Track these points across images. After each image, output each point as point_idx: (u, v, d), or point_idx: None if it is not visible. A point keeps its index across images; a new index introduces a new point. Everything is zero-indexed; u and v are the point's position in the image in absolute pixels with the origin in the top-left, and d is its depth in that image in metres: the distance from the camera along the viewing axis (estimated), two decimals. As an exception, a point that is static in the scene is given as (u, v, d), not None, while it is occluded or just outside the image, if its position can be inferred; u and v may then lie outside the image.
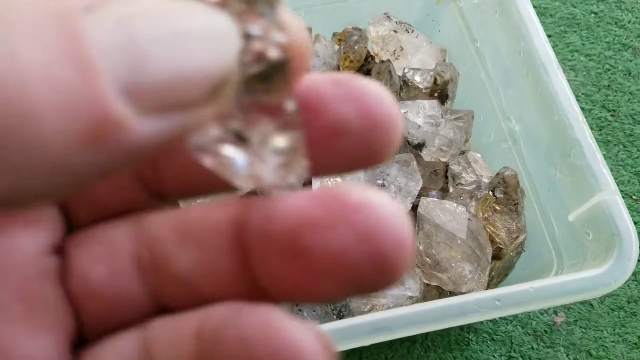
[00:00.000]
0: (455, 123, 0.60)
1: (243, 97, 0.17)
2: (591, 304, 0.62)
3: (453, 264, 0.54)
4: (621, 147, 0.69)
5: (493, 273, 0.56)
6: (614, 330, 0.61)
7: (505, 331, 0.61)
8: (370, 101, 0.18)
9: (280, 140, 0.18)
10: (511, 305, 0.47)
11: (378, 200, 0.17)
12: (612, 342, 0.61)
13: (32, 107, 0.13)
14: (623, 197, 0.52)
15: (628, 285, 0.63)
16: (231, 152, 0.17)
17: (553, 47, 0.57)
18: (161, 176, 0.20)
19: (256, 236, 0.19)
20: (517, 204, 0.56)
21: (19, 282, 0.19)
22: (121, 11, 0.14)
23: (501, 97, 0.61)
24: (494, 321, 0.61)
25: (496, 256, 0.56)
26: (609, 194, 0.50)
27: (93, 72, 0.13)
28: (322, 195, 0.18)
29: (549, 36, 0.70)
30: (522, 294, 0.48)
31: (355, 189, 0.18)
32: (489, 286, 0.55)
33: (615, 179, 0.55)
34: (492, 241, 0.56)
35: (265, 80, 0.17)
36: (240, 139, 0.17)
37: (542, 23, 0.58)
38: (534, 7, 0.58)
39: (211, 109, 0.15)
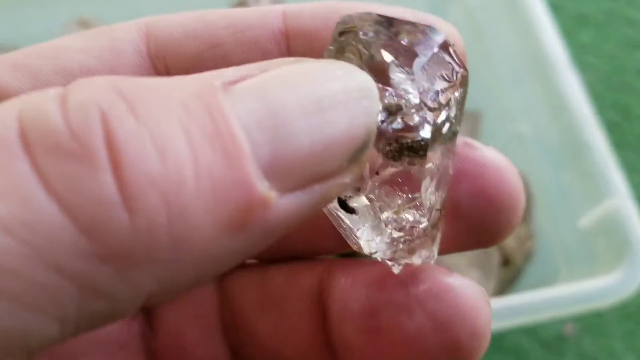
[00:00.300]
0: (462, 124, 0.58)
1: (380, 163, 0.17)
2: (600, 313, 0.61)
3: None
4: (631, 150, 0.67)
5: (500, 280, 0.55)
6: (624, 339, 0.60)
7: (512, 340, 0.59)
8: (489, 179, 0.18)
9: (405, 218, 0.17)
10: (519, 314, 0.46)
11: (458, 287, 0.17)
12: (622, 351, 0.59)
13: (185, 204, 0.12)
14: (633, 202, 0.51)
15: (639, 294, 0.61)
16: (348, 218, 0.17)
17: (562, 46, 0.56)
18: None
19: (337, 306, 0.19)
20: (526, 209, 0.55)
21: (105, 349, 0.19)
22: (260, 82, 0.14)
23: (509, 97, 0.60)
24: (500, 330, 0.60)
25: (504, 263, 0.55)
26: (621, 200, 0.49)
27: (238, 153, 0.13)
28: (404, 276, 0.18)
29: (557, 35, 0.68)
30: (530, 303, 0.46)
31: (438, 272, 0.18)
32: (496, 294, 0.54)
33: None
34: (500, 247, 0.54)
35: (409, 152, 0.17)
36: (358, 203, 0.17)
37: (551, 21, 0.57)
38: (542, 4, 0.56)
39: (352, 175, 0.15)
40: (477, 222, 0.19)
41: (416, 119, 0.16)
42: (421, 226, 0.18)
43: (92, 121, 0.12)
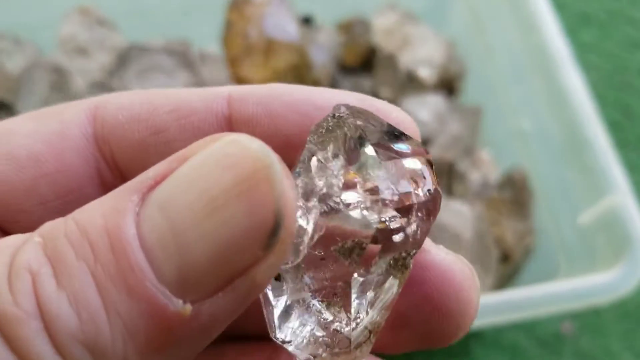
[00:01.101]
0: (462, 119, 0.58)
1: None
2: (598, 312, 0.60)
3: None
4: (633, 149, 0.67)
5: (499, 276, 0.54)
6: (621, 338, 0.59)
7: (510, 338, 0.59)
8: (433, 284, 0.18)
9: (326, 314, 0.17)
10: (516, 309, 0.46)
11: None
12: (619, 350, 0.59)
13: (105, 347, 0.14)
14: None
15: (637, 293, 0.61)
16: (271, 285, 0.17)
17: (564, 44, 0.55)
18: None
19: None
20: (525, 205, 0.55)
21: None
22: (167, 188, 0.15)
23: (511, 92, 0.59)
24: (497, 327, 0.59)
25: (502, 259, 0.55)
26: (621, 196, 0.48)
27: (140, 286, 0.14)
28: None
29: (560, 33, 0.68)
30: (528, 298, 0.46)
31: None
32: (494, 290, 0.53)
33: (625, 182, 0.53)
34: (499, 244, 0.54)
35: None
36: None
37: (554, 19, 0.56)
38: (545, 3, 0.56)
39: (277, 257, 0.15)
40: (423, 329, 0.19)
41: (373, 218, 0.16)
42: (344, 331, 0.17)
43: (26, 289, 0.14)
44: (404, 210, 0.17)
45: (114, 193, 0.15)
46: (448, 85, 0.60)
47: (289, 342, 0.17)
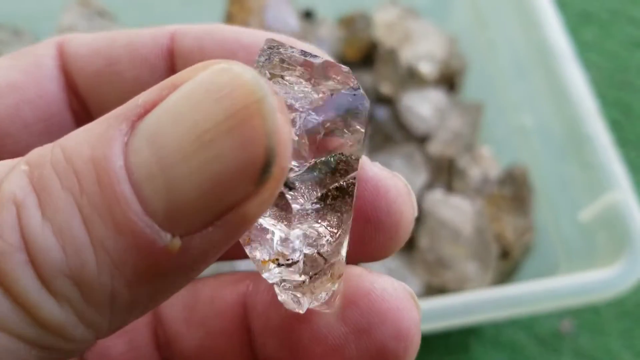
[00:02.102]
0: (462, 115, 0.57)
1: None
2: (598, 310, 0.60)
3: (456, 262, 0.52)
4: (632, 148, 0.67)
5: (498, 273, 0.54)
6: (620, 337, 0.59)
7: (509, 336, 0.59)
8: (366, 197, 0.19)
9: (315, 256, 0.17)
10: (516, 304, 0.46)
11: (377, 290, 0.17)
12: (618, 349, 0.59)
13: (91, 280, 0.14)
14: (634, 200, 0.50)
15: (636, 291, 0.61)
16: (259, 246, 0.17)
17: (565, 43, 0.55)
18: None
19: (259, 322, 0.19)
20: (526, 201, 0.55)
21: None
22: (155, 118, 0.14)
23: (512, 89, 0.59)
24: (496, 325, 0.59)
25: (502, 255, 0.54)
26: (622, 193, 0.48)
27: (126, 220, 0.14)
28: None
29: (561, 31, 0.68)
30: (527, 294, 0.46)
31: (356, 276, 0.17)
32: (493, 286, 0.53)
33: (625, 181, 0.53)
34: (498, 240, 0.54)
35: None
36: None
37: (555, 17, 0.56)
38: (547, 1, 0.56)
39: (268, 193, 0.15)
40: (359, 241, 0.19)
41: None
42: (322, 251, 0.18)
43: (10, 221, 0.14)
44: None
45: (102, 119, 0.15)
46: (449, 81, 0.60)
47: (289, 263, 0.18)
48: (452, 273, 0.52)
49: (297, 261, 0.18)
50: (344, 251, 0.18)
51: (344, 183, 0.17)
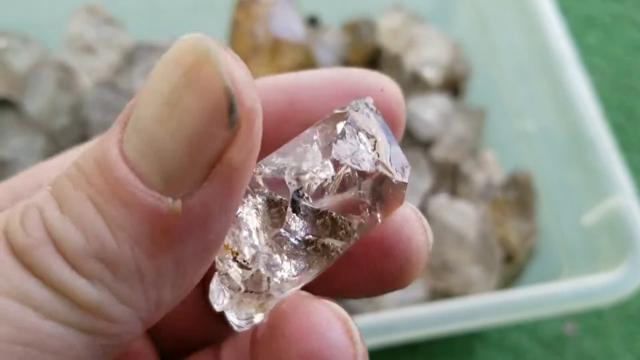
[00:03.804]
0: (466, 120, 0.58)
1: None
2: (601, 314, 0.60)
3: (461, 266, 0.52)
4: (636, 152, 0.67)
5: (502, 277, 0.54)
6: (623, 341, 0.59)
7: (513, 339, 0.59)
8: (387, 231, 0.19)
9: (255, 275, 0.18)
10: (520, 309, 0.46)
11: (324, 327, 0.18)
12: (621, 352, 0.59)
13: (115, 256, 0.16)
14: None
15: (639, 295, 0.61)
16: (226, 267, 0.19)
17: (569, 47, 0.55)
18: None
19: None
20: (529, 206, 0.55)
21: None
22: (135, 113, 0.16)
23: (515, 94, 0.60)
24: (501, 329, 0.59)
25: (506, 259, 0.55)
26: (625, 197, 0.48)
27: (132, 197, 0.16)
28: (274, 313, 0.18)
29: (564, 36, 0.68)
30: (531, 298, 0.46)
31: (301, 311, 0.18)
32: (497, 290, 0.53)
33: (628, 185, 0.53)
34: (503, 244, 0.54)
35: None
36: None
37: (558, 22, 0.56)
38: (549, 6, 0.56)
39: (246, 136, 0.16)
40: (372, 270, 0.20)
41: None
42: (270, 279, 0.19)
43: (35, 220, 0.16)
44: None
45: (95, 144, 0.17)
46: (453, 86, 0.61)
47: (243, 265, 0.18)
48: (457, 277, 0.52)
49: (250, 269, 0.18)
50: (286, 295, 0.19)
51: (332, 247, 0.18)
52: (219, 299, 0.19)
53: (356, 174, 0.18)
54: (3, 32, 0.55)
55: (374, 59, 0.61)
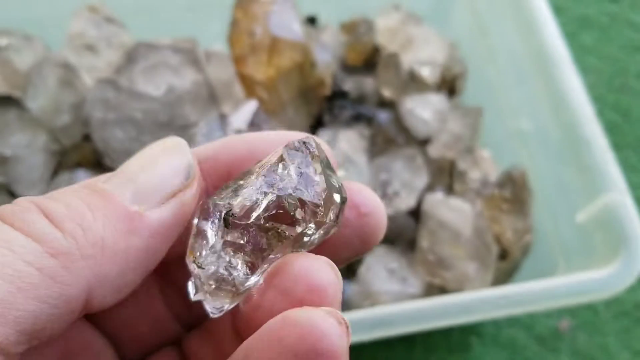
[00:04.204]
0: (462, 119, 0.58)
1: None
2: (596, 310, 0.61)
3: (457, 262, 0.53)
4: (631, 151, 0.68)
5: (498, 273, 0.55)
6: (618, 337, 0.60)
7: (509, 335, 0.60)
8: (355, 195, 0.25)
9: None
10: (515, 304, 0.46)
11: (298, 261, 0.22)
12: (617, 349, 0.59)
13: (89, 225, 0.21)
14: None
15: (634, 291, 0.62)
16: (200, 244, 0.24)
17: (564, 47, 0.56)
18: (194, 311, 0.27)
19: None
20: (525, 203, 0.55)
21: None
22: (122, 167, 0.24)
23: (511, 93, 0.60)
24: (497, 324, 0.60)
25: (501, 256, 0.55)
26: (619, 194, 0.49)
27: (112, 198, 0.22)
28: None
29: (560, 36, 0.69)
30: (526, 293, 0.47)
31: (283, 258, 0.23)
32: (493, 286, 0.54)
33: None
34: (498, 241, 0.55)
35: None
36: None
37: (554, 22, 0.57)
38: (545, 6, 0.57)
39: (193, 189, 0.24)
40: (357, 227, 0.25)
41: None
42: (238, 279, 0.23)
43: (24, 200, 0.22)
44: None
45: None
46: (449, 85, 0.61)
47: (199, 266, 0.23)
48: (453, 273, 0.52)
49: (204, 269, 0.23)
50: (253, 282, 0.23)
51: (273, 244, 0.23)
52: (193, 293, 0.24)
53: (283, 198, 0.23)
54: (5, 30, 0.56)
55: (372, 58, 0.62)
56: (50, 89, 0.54)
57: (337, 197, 0.23)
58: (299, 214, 0.23)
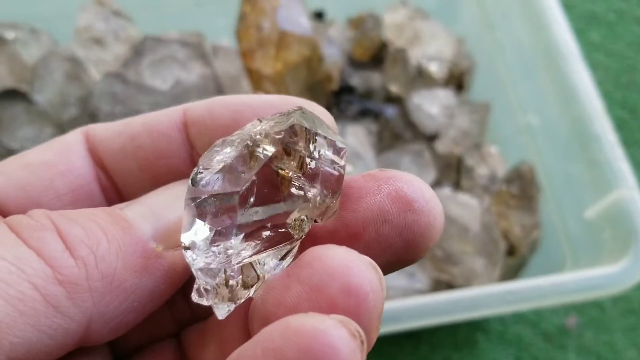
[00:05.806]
0: (470, 115, 0.58)
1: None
2: (603, 307, 0.61)
3: (464, 258, 0.52)
4: (639, 147, 0.68)
5: (505, 269, 0.55)
6: (625, 334, 0.60)
7: (515, 332, 0.59)
8: (402, 185, 0.21)
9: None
10: (522, 300, 0.46)
11: (331, 253, 0.19)
12: (624, 346, 0.59)
13: (103, 255, 0.20)
14: None
15: (642, 289, 0.61)
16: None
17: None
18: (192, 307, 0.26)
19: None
20: (533, 199, 0.55)
21: None
22: (141, 199, 0.23)
23: (519, 88, 0.60)
24: (503, 321, 0.60)
25: (509, 252, 0.55)
26: (628, 190, 0.49)
27: (133, 231, 0.21)
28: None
29: (568, 32, 0.68)
30: (533, 289, 0.46)
31: (312, 247, 0.20)
32: (500, 282, 0.54)
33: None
34: (506, 237, 0.55)
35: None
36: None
37: (562, 18, 0.57)
38: (553, 2, 0.56)
39: None
40: (401, 224, 0.21)
41: None
42: (259, 271, 0.21)
43: (42, 215, 0.20)
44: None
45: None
46: (457, 81, 0.61)
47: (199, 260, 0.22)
48: (460, 269, 0.52)
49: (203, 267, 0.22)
50: (259, 270, 0.21)
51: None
52: (201, 298, 0.22)
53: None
54: (12, 24, 0.56)
55: (379, 53, 0.61)
56: (57, 83, 0.54)
57: (330, 150, 0.21)
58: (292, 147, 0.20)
